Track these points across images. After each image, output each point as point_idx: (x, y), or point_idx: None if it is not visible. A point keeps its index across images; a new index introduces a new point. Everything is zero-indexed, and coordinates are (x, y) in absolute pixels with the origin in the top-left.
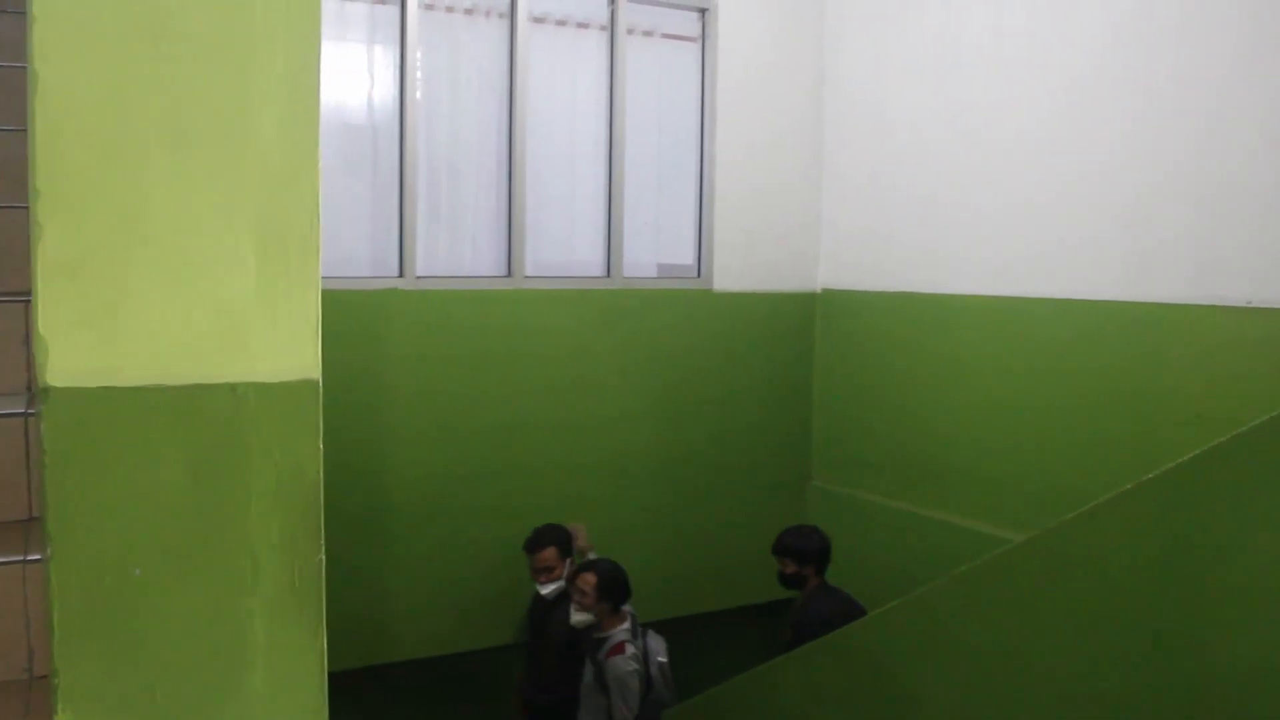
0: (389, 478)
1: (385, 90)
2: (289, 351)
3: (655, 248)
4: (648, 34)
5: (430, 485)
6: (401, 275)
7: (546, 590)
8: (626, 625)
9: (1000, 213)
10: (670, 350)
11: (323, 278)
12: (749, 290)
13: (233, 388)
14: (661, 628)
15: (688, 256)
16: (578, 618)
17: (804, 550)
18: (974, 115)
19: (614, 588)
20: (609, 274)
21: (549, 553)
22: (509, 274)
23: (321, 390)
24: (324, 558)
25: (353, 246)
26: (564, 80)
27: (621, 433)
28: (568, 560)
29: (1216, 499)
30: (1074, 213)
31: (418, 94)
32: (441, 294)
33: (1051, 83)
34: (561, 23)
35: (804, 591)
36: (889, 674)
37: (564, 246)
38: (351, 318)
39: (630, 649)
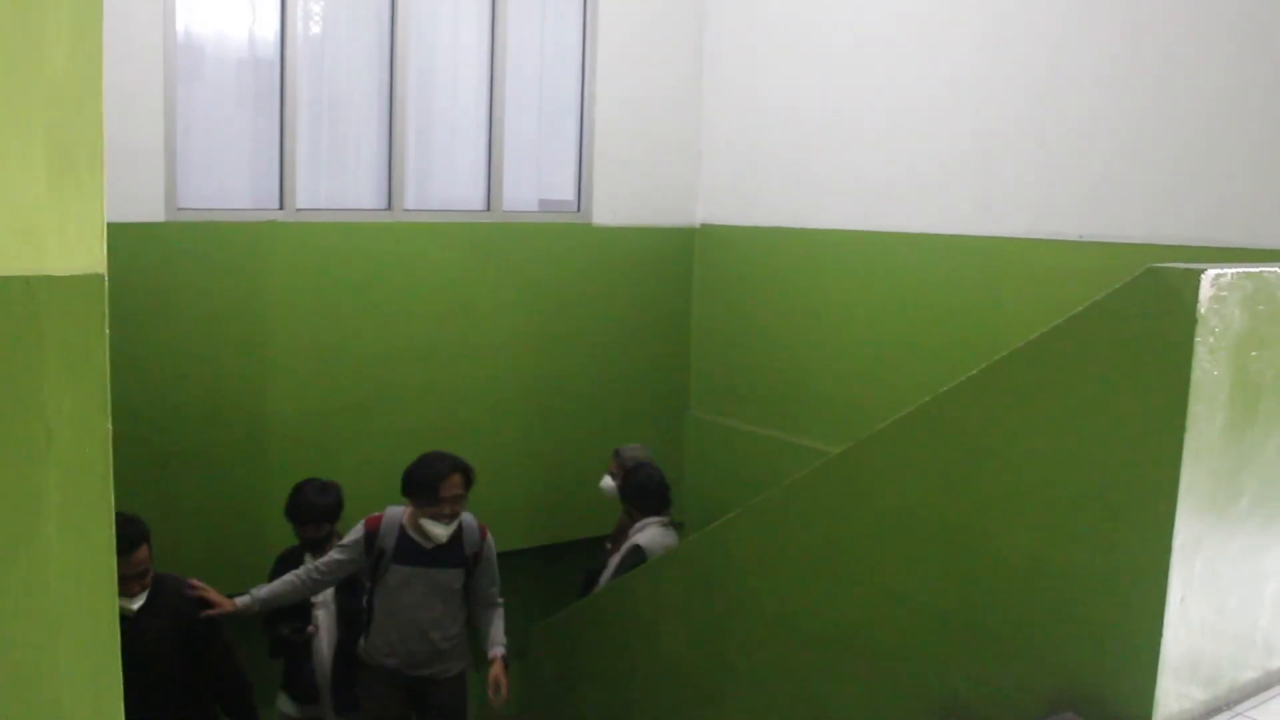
0: (268, 407)
1: (267, 23)
2: (78, 250)
3: (536, 182)
4: None
5: (309, 415)
6: (282, 208)
7: None
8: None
9: (860, 151)
10: (550, 283)
11: (204, 209)
12: (628, 225)
13: (26, 280)
14: (536, 554)
15: (569, 191)
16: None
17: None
18: (839, 55)
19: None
20: (489, 208)
21: None
22: (389, 207)
23: (107, 284)
24: (110, 428)
25: (234, 179)
26: (446, 13)
27: (500, 364)
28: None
29: (999, 408)
30: (925, 150)
31: (299, 27)
32: (321, 226)
33: (908, 26)
34: None
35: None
36: (724, 583)
37: (445, 180)
38: (232, 249)
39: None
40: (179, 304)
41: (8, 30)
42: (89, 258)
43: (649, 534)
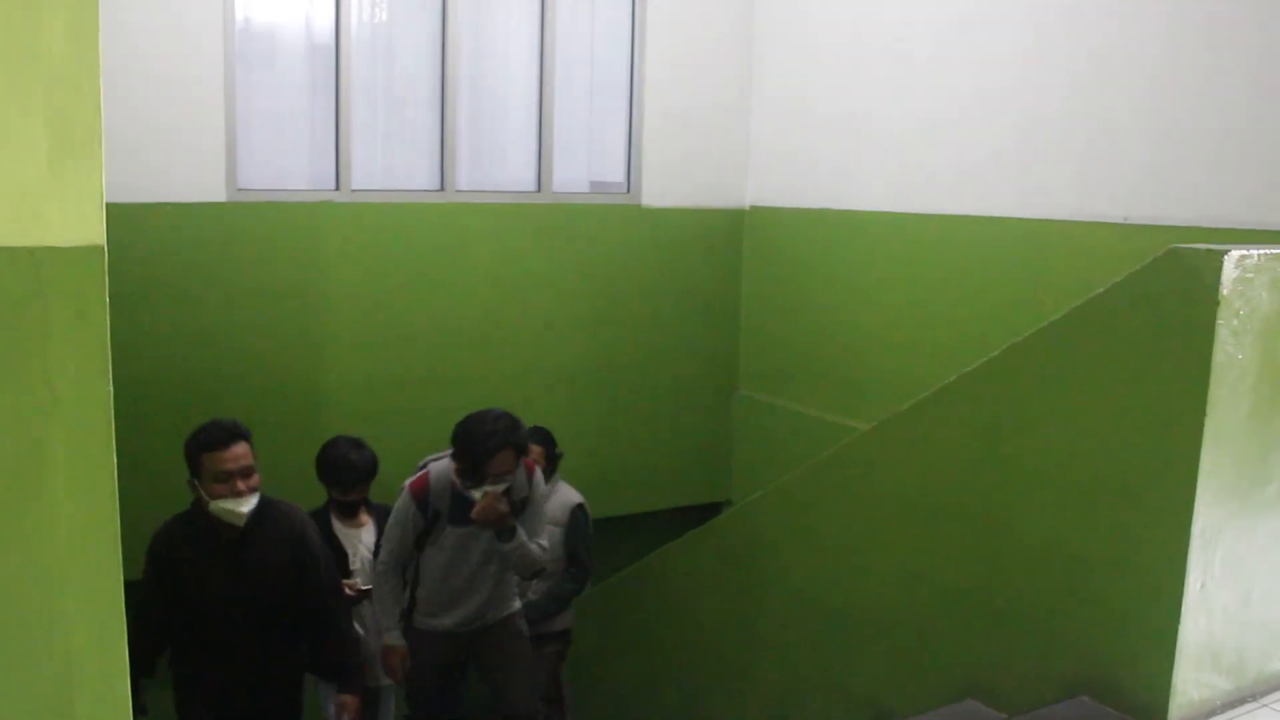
0: (324, 381)
1: (323, 9)
2: (78, 224)
3: (587, 164)
4: None
5: (362, 391)
6: (338, 189)
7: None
8: None
9: (907, 134)
10: (600, 264)
11: (263, 190)
12: (678, 206)
13: (31, 251)
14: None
15: (618, 174)
16: None
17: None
18: (889, 37)
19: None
20: (539, 189)
21: None
22: (442, 188)
23: (106, 254)
24: (111, 389)
25: (291, 161)
26: None
27: (550, 343)
28: None
29: (1018, 390)
30: (971, 133)
31: (354, 12)
32: (376, 206)
33: (955, 7)
34: None
35: None
36: (755, 560)
37: (497, 162)
38: (289, 229)
39: None
40: (238, 281)
41: (7, 10)
42: (89, 230)
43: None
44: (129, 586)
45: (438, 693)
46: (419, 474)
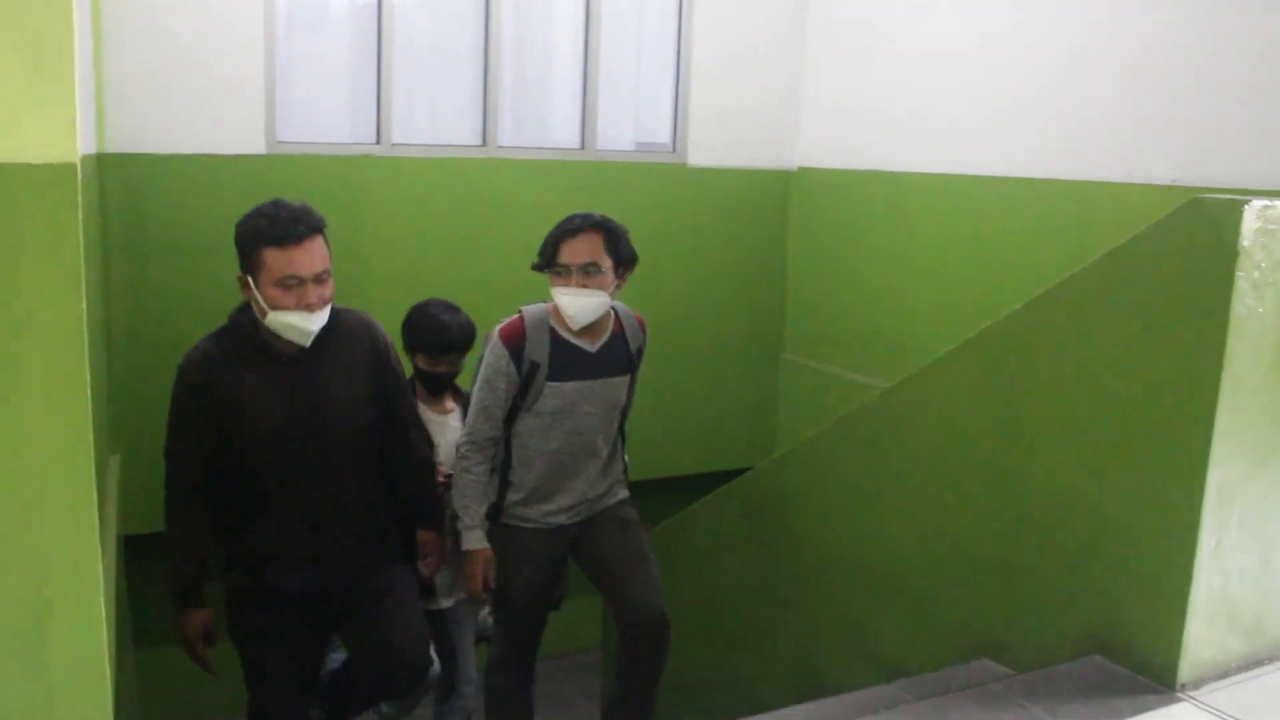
0: None
1: None
2: (51, 141)
3: (634, 123)
4: None
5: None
6: (378, 142)
7: None
8: None
9: (955, 96)
10: (645, 223)
11: (300, 143)
12: (725, 166)
13: (3, 167)
14: (638, 489)
15: (665, 135)
16: None
17: None
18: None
19: None
20: (583, 147)
21: None
22: (484, 144)
23: (80, 172)
24: (85, 309)
25: (332, 114)
26: None
27: None
28: None
29: (1038, 346)
30: (1018, 94)
31: None
32: (416, 161)
33: None
34: None
35: None
36: (778, 517)
37: (540, 119)
38: (329, 182)
39: None
40: None
41: None
42: (62, 148)
43: None
44: (154, 538)
45: (535, 616)
46: (510, 319)
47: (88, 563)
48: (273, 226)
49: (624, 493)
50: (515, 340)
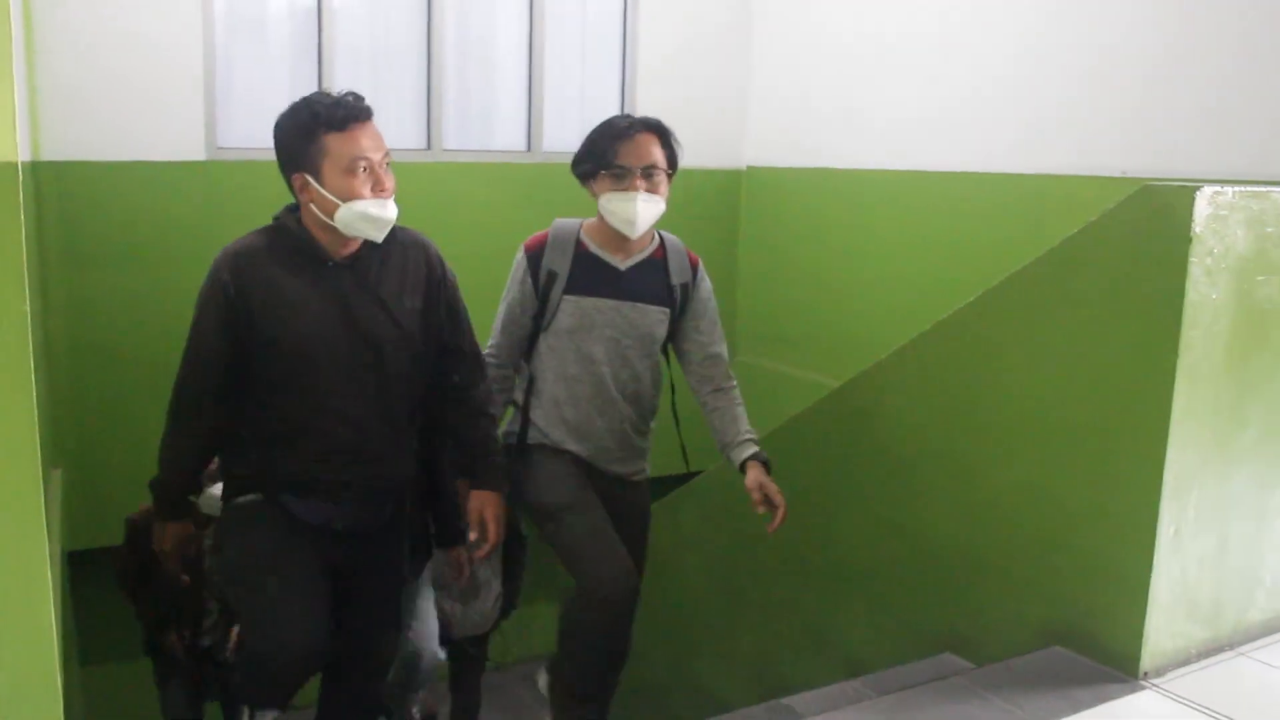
0: None
1: None
2: None
3: (581, 125)
4: None
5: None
6: None
7: None
8: None
9: (905, 91)
10: None
11: (235, 148)
12: None
13: None
14: None
15: None
16: None
17: None
18: None
19: None
20: (529, 149)
21: None
22: (428, 147)
23: (20, 171)
24: (28, 309)
25: (273, 119)
26: None
27: None
28: None
29: (993, 337)
30: (968, 88)
31: None
32: None
33: None
34: None
35: None
36: (736, 515)
37: (486, 122)
38: (271, 188)
39: None
40: (218, 240)
41: None
42: (2, 147)
43: None
44: (97, 554)
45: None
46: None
47: (37, 577)
48: (335, 108)
49: (646, 467)
50: (535, 248)
